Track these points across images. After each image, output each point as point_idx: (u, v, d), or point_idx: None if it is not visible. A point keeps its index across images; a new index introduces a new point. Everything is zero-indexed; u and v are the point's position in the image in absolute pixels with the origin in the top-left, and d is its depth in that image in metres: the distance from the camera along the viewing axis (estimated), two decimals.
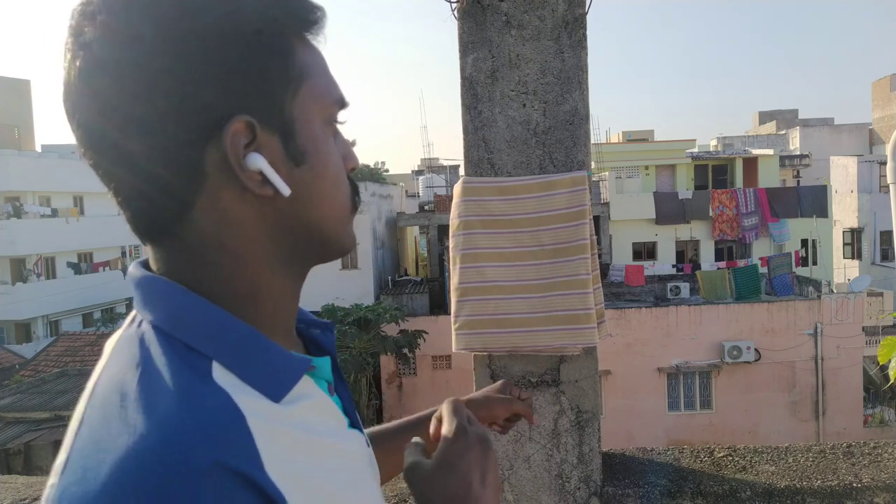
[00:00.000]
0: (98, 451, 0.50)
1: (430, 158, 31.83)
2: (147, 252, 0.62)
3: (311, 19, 0.62)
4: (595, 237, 1.92)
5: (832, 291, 18.56)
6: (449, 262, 2.02)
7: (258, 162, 0.57)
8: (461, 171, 2.27)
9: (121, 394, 0.53)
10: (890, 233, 18.16)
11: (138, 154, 0.56)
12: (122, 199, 0.59)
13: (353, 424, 0.70)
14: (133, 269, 0.62)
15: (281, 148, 0.59)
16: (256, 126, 0.57)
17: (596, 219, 11.23)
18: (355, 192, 0.68)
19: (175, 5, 0.55)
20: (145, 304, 0.59)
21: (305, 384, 0.63)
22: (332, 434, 0.63)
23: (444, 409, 0.73)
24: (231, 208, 0.58)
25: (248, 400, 0.55)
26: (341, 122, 0.66)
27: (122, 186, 0.58)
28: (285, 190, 0.58)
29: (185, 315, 0.58)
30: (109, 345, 0.62)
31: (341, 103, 0.65)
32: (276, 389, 0.58)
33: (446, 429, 0.70)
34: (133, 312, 0.62)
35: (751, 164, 24.89)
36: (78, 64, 0.56)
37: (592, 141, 5.08)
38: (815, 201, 21.88)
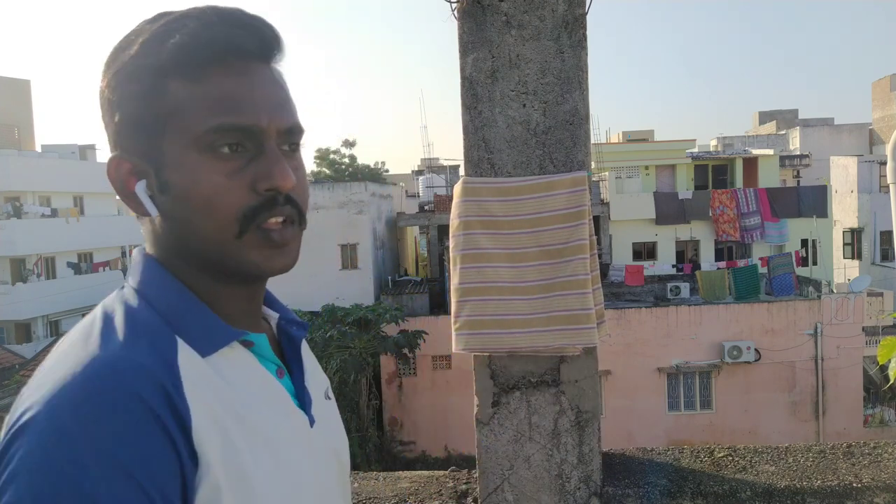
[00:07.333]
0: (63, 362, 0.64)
1: (430, 158, 31.77)
2: None
3: (203, 56, 0.68)
4: (595, 237, 1.92)
5: (832, 291, 18.56)
6: (449, 263, 2.02)
7: (139, 188, 0.70)
8: (461, 171, 2.27)
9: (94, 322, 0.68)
10: (890, 233, 18.16)
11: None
12: None
13: (302, 407, 0.78)
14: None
15: (154, 177, 0.69)
16: (139, 162, 0.70)
17: (596, 219, 11.22)
18: (261, 213, 0.69)
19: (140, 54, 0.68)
20: (131, 271, 0.74)
21: (244, 357, 0.73)
22: (254, 396, 0.71)
23: None
24: (146, 220, 0.73)
25: (183, 346, 0.67)
26: (233, 144, 0.68)
27: None
28: (153, 211, 0.70)
29: (154, 284, 0.71)
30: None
31: (223, 129, 0.67)
32: (206, 346, 0.69)
33: None
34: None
35: (751, 164, 24.87)
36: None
37: (592, 141, 5.07)
38: (815, 201, 21.87)
